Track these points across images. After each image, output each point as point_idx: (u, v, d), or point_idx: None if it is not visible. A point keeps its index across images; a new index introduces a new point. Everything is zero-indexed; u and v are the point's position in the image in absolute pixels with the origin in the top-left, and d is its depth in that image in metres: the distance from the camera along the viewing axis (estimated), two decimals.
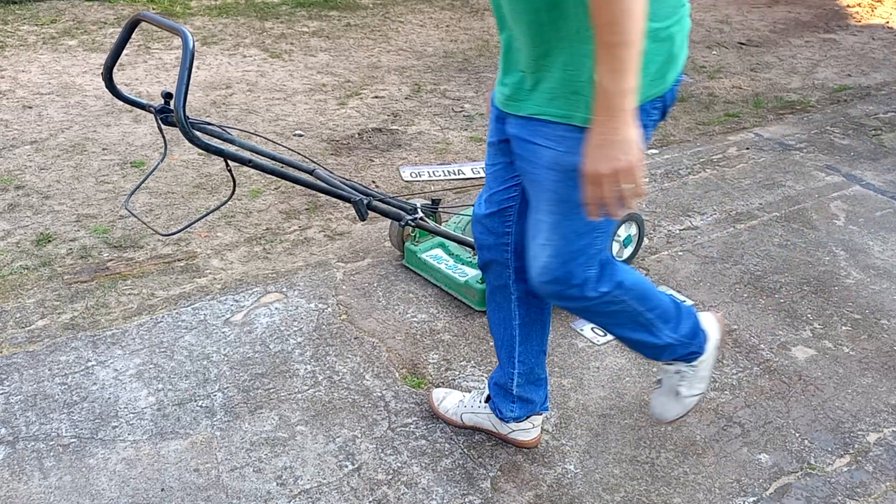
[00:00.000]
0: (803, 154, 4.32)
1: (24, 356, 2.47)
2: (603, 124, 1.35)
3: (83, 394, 2.33)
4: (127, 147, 3.99)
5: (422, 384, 2.42)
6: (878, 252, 3.30)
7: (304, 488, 2.04)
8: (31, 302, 2.74)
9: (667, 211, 3.60)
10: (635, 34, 1.28)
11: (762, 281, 3.06)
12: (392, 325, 2.70)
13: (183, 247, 3.13)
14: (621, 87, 1.32)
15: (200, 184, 3.65)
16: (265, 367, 2.47)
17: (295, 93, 4.89)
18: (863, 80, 5.73)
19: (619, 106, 1.33)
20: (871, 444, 2.26)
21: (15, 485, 2.01)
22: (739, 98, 5.24)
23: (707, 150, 4.34)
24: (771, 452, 2.22)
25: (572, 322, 2.75)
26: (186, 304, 2.76)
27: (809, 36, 6.89)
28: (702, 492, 2.08)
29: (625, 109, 1.33)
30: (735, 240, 3.36)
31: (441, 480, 2.08)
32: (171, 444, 2.16)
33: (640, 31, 1.29)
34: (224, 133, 2.20)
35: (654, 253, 3.22)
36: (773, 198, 3.77)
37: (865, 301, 2.95)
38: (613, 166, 1.36)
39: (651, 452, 2.20)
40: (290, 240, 3.23)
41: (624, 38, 1.28)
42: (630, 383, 2.47)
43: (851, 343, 2.71)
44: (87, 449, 2.13)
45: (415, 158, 4.07)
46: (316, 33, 6.21)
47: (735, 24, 7.21)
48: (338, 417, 2.28)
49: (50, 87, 4.71)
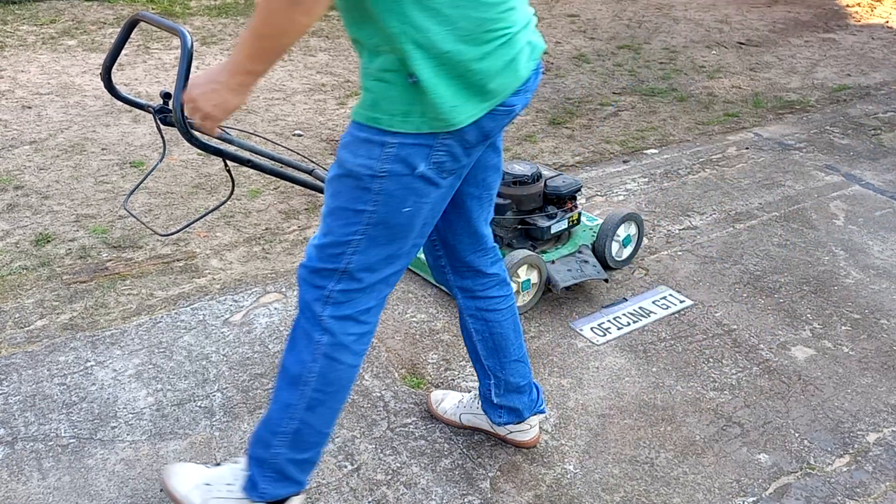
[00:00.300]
0: (803, 154, 4.32)
1: (22, 356, 2.47)
2: (220, 71, 1.53)
3: (82, 394, 2.32)
4: (126, 147, 3.99)
5: (421, 384, 2.42)
6: (878, 252, 3.30)
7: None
8: (30, 302, 2.73)
9: (666, 211, 3.59)
10: (265, 34, 1.45)
11: (762, 281, 3.06)
12: (391, 325, 2.70)
13: (182, 247, 3.13)
14: (244, 66, 1.50)
15: (199, 184, 3.64)
16: (264, 368, 2.47)
17: (294, 93, 4.89)
18: (862, 80, 5.72)
19: (236, 70, 1.50)
20: (871, 444, 2.26)
21: (14, 485, 2.01)
22: (739, 98, 5.24)
23: (706, 150, 4.34)
24: (770, 452, 2.22)
25: (572, 322, 2.75)
26: (185, 305, 2.76)
27: (809, 35, 6.89)
28: (701, 492, 2.08)
29: (236, 78, 1.51)
30: (734, 239, 3.36)
31: (440, 481, 2.08)
32: (171, 444, 2.16)
33: (270, 34, 1.44)
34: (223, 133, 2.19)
35: (653, 253, 3.22)
36: (772, 197, 3.77)
37: (865, 301, 2.95)
38: (200, 101, 1.55)
39: (650, 452, 2.20)
40: (290, 240, 3.23)
41: (260, 32, 1.45)
42: (629, 383, 2.47)
43: (851, 343, 2.71)
44: (86, 449, 2.13)
45: None
46: (315, 33, 6.21)
47: (734, 23, 7.21)
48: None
49: (49, 88, 4.71)
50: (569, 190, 2.90)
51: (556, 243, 2.97)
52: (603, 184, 3.84)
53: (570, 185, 2.91)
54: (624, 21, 7.15)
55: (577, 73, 5.62)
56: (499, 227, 2.87)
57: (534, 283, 2.76)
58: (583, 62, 5.86)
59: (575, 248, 2.93)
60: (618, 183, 3.87)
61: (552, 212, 2.89)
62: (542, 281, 2.78)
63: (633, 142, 4.42)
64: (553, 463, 2.15)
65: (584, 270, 2.83)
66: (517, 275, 2.68)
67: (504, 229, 2.86)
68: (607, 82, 5.44)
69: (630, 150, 4.31)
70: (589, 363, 2.55)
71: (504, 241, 2.87)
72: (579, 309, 2.83)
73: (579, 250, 2.93)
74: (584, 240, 3.00)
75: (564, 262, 2.86)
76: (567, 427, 2.28)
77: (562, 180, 2.93)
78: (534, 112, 4.80)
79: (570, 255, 2.90)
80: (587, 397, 2.40)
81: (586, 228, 3.07)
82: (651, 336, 2.70)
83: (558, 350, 2.61)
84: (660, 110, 4.95)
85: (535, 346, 2.62)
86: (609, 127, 4.63)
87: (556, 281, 2.74)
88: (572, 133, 4.51)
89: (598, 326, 2.73)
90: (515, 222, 2.86)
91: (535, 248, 2.89)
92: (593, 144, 4.36)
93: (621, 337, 2.68)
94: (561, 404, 2.37)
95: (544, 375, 2.48)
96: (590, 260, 2.89)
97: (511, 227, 2.86)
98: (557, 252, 2.90)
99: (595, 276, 2.82)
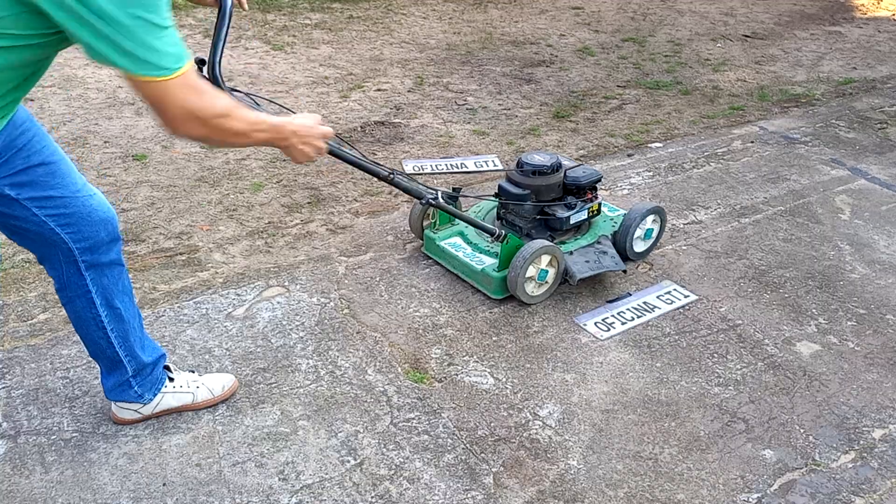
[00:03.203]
0: (808, 148, 4.29)
1: (25, 350, 2.47)
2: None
3: (85, 388, 2.32)
4: (129, 140, 3.97)
5: (424, 379, 2.42)
6: (884, 246, 3.28)
7: (305, 483, 2.03)
8: (32, 295, 2.73)
9: (671, 205, 3.58)
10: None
11: (767, 275, 3.05)
12: (394, 320, 2.69)
13: (185, 240, 3.12)
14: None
15: (202, 177, 3.63)
16: (267, 362, 2.46)
17: (297, 85, 4.87)
18: (868, 73, 5.69)
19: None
20: (877, 441, 2.25)
21: (17, 479, 2.01)
22: (744, 91, 5.21)
23: (711, 144, 4.31)
24: (775, 448, 2.21)
25: (576, 317, 2.74)
26: (188, 298, 2.75)
27: (815, 28, 6.85)
28: (706, 488, 2.07)
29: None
30: (739, 234, 3.35)
31: (443, 476, 2.07)
32: (173, 438, 2.15)
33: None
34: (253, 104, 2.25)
35: (658, 247, 3.20)
36: (777, 192, 3.75)
37: (871, 296, 2.93)
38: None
39: (654, 448, 2.19)
40: (293, 233, 3.22)
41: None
42: (633, 379, 2.46)
43: (857, 338, 2.69)
44: (89, 443, 2.13)
45: (417, 152, 4.06)
46: (318, 25, 6.19)
47: (740, 16, 7.17)
48: (340, 412, 2.27)
49: (52, 80, 4.70)
50: (588, 180, 2.90)
51: (576, 233, 2.97)
52: (607, 177, 3.82)
53: (589, 176, 2.91)
54: (629, 13, 7.11)
55: (582, 66, 5.59)
56: (518, 217, 2.87)
57: (551, 273, 2.76)
58: (587, 55, 5.84)
59: (594, 239, 2.93)
60: (622, 177, 3.85)
61: (572, 202, 2.88)
62: (559, 271, 2.78)
63: (637, 135, 4.40)
64: (557, 458, 2.14)
65: (602, 262, 2.83)
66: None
67: (523, 219, 2.87)
68: (612, 75, 5.41)
69: (634, 143, 4.29)
70: (593, 358, 2.54)
71: (523, 230, 2.88)
72: (583, 304, 2.82)
73: (598, 241, 2.92)
74: (605, 230, 2.99)
75: (582, 252, 2.86)
76: (571, 422, 2.27)
77: (582, 171, 2.93)
78: (538, 105, 4.78)
79: (588, 245, 2.90)
80: (591, 392, 2.39)
81: (607, 219, 3.07)
82: (655, 331, 2.69)
83: (562, 345, 2.60)
84: (664, 103, 4.93)
85: (538, 340, 2.61)
86: (613, 120, 4.61)
87: (574, 272, 2.74)
88: (576, 126, 4.49)
89: (602, 321, 2.72)
90: (534, 212, 2.86)
91: (553, 238, 2.89)
92: (597, 138, 4.34)
93: (625, 332, 2.67)
94: (565, 399, 2.36)
95: (548, 370, 2.47)
96: (608, 251, 2.88)
97: (530, 217, 2.87)
98: (576, 242, 2.91)
99: (613, 267, 2.82)
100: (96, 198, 1.88)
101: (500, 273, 2.74)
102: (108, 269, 1.95)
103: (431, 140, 4.20)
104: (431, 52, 5.71)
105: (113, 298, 1.98)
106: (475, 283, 2.84)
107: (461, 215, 2.76)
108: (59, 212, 1.80)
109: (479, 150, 4.11)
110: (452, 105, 4.71)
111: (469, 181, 3.73)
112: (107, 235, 1.91)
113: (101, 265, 1.93)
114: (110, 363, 2.07)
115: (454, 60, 5.55)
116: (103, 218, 1.89)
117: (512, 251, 2.71)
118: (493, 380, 2.42)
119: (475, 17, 6.70)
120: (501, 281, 2.74)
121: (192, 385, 2.23)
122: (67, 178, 1.81)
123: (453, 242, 2.96)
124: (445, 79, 5.15)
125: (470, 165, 3.91)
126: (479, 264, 2.81)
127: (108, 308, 1.98)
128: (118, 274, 1.99)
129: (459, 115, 4.57)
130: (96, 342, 2.03)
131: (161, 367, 2.17)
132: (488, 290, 2.79)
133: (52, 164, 1.79)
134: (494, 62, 5.56)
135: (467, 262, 2.84)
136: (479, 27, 6.38)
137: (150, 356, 2.12)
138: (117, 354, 2.04)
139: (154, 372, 2.14)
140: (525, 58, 5.69)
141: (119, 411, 2.17)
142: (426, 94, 4.85)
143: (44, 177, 1.76)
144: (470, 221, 2.77)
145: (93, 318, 1.98)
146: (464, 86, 5.05)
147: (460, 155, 4.04)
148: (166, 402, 2.19)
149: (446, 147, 4.13)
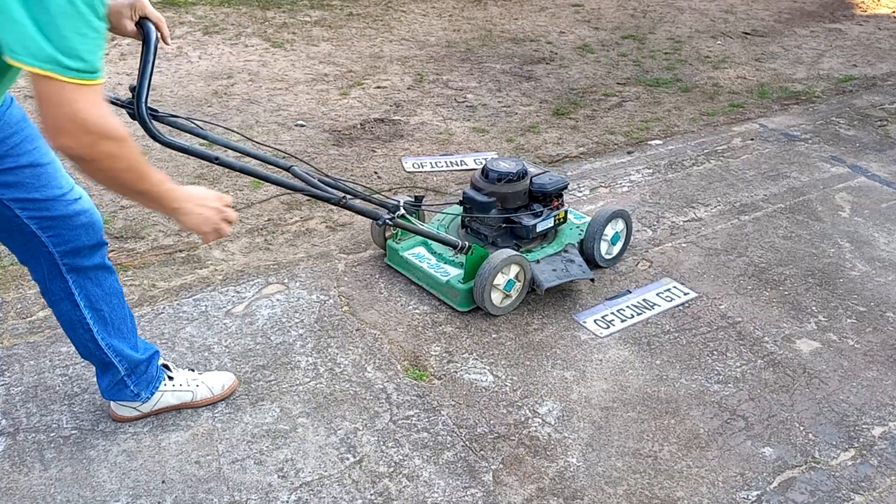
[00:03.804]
0: (808, 145, 4.29)
1: (24, 347, 2.47)
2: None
3: (84, 385, 2.32)
4: None
5: (423, 376, 2.41)
6: (884, 244, 3.28)
7: (305, 480, 2.03)
8: (32, 293, 2.73)
9: (671, 202, 3.57)
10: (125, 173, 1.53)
11: (767, 273, 3.04)
12: (394, 317, 2.69)
13: (184, 238, 3.12)
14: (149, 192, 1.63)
15: (202, 174, 3.63)
16: (266, 359, 2.46)
17: (297, 83, 4.87)
18: (868, 71, 5.68)
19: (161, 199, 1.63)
20: (876, 438, 2.25)
21: (16, 476, 2.01)
22: (744, 88, 5.21)
23: (711, 141, 4.31)
24: (775, 446, 2.21)
25: (575, 314, 2.74)
26: (188, 296, 2.75)
27: (815, 26, 6.85)
28: (705, 485, 2.07)
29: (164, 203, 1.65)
30: (739, 231, 3.34)
31: (443, 473, 2.07)
32: (172, 435, 2.15)
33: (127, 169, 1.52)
34: (196, 129, 2.19)
35: (657, 244, 3.20)
36: (777, 189, 3.74)
37: (871, 293, 2.93)
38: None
39: (654, 445, 2.19)
40: (292, 231, 3.22)
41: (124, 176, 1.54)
42: (633, 376, 2.46)
43: (856, 336, 2.69)
44: (88, 440, 2.13)
45: (417, 149, 4.05)
46: (318, 23, 6.18)
47: (740, 13, 7.16)
48: (339, 410, 2.27)
49: None
50: (555, 188, 2.84)
51: (542, 242, 2.91)
52: (607, 175, 3.82)
53: (556, 183, 2.85)
54: (628, 11, 7.10)
55: (581, 63, 5.58)
56: (483, 226, 2.81)
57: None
58: (587, 52, 5.83)
59: (561, 247, 2.87)
60: (622, 174, 3.85)
61: (538, 210, 2.84)
62: (525, 281, 2.73)
63: (637, 133, 4.39)
64: (556, 456, 2.14)
65: (570, 270, 2.77)
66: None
67: (488, 227, 2.80)
68: (612, 73, 5.41)
69: (634, 140, 4.29)
70: (592, 355, 2.54)
71: (488, 239, 2.82)
72: (583, 301, 2.82)
73: (565, 249, 2.86)
74: (571, 238, 2.93)
75: (549, 261, 2.79)
76: (570, 420, 2.27)
77: (548, 178, 2.86)
78: (538, 103, 4.77)
79: (555, 254, 2.84)
80: (591, 390, 2.39)
81: (573, 226, 3.01)
82: (655, 328, 2.69)
83: (562, 342, 2.60)
84: (664, 101, 4.92)
85: (538, 338, 2.61)
86: (613, 118, 4.60)
87: (541, 281, 2.68)
88: (576, 124, 4.48)
89: (601, 319, 2.72)
90: (500, 220, 2.80)
91: (519, 247, 2.84)
92: (597, 135, 4.34)
93: (625, 329, 2.67)
94: (564, 397, 2.36)
95: (547, 367, 2.47)
96: (576, 259, 2.82)
97: (496, 226, 2.81)
98: (543, 251, 2.84)
99: (580, 276, 2.75)
100: (82, 202, 1.86)
101: (465, 285, 2.68)
102: (91, 272, 1.93)
103: (431, 137, 4.20)
104: (431, 49, 5.71)
105: (98, 301, 1.97)
106: (440, 295, 2.77)
107: (421, 231, 2.67)
108: (42, 214, 1.78)
109: (478, 147, 4.11)
110: (452, 102, 4.71)
111: (468, 179, 3.73)
112: (89, 240, 1.88)
113: (84, 269, 1.91)
114: (101, 364, 2.07)
115: (454, 58, 5.54)
116: (86, 223, 1.86)
117: (477, 262, 2.65)
118: (493, 377, 2.42)
119: (475, 14, 6.70)
120: (467, 293, 2.67)
121: (191, 383, 2.23)
122: (54, 180, 1.79)
123: (417, 253, 2.89)
124: (445, 76, 5.15)
125: (469, 163, 3.91)
126: (443, 275, 2.75)
127: (92, 311, 1.97)
128: (103, 277, 1.97)
129: (459, 112, 4.57)
130: (84, 344, 2.02)
131: (156, 364, 2.17)
132: (454, 303, 2.72)
133: (40, 167, 1.77)
134: (494, 59, 5.55)
135: (431, 273, 2.77)
136: (478, 24, 6.37)
137: (143, 354, 2.11)
138: (106, 356, 2.03)
139: (149, 370, 2.14)
140: (525, 55, 5.68)
141: (118, 409, 2.17)
142: (426, 92, 4.85)
143: (30, 178, 1.74)
144: (430, 236, 2.69)
145: (79, 321, 1.97)
146: (463, 83, 5.04)
147: (460, 152, 4.03)
148: (166, 400, 2.19)
149: (446, 144, 4.12)
